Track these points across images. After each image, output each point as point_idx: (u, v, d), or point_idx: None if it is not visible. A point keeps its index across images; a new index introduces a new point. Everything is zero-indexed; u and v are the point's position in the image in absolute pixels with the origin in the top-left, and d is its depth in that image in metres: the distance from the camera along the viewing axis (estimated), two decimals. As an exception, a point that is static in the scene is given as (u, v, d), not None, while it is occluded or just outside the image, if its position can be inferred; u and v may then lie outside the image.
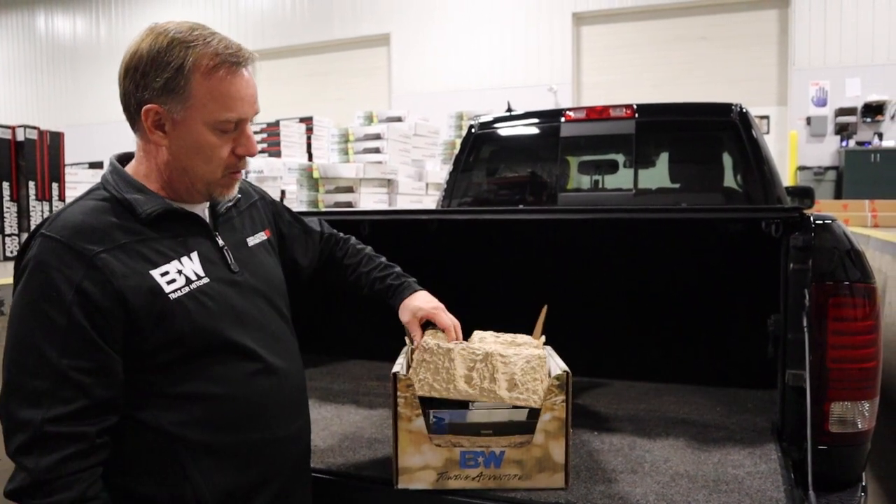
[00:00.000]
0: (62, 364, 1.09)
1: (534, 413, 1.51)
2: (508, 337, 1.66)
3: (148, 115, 1.18)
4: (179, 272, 1.20)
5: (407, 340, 1.72)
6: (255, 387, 1.25)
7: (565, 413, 1.43)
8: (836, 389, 1.58)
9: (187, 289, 1.20)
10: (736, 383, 2.18)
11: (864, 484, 1.62)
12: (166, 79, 1.16)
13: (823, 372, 1.57)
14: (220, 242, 1.30)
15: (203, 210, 1.31)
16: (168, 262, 1.20)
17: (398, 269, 1.67)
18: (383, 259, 1.69)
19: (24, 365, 1.10)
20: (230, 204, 1.36)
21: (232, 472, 1.23)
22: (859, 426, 1.60)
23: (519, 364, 1.48)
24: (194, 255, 1.24)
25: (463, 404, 1.56)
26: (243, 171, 1.32)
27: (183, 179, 1.24)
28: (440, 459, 1.45)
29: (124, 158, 1.31)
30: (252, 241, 1.40)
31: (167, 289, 1.17)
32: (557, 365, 1.54)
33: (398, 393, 1.44)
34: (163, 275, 1.18)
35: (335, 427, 1.90)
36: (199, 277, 1.22)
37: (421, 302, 1.58)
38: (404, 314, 1.58)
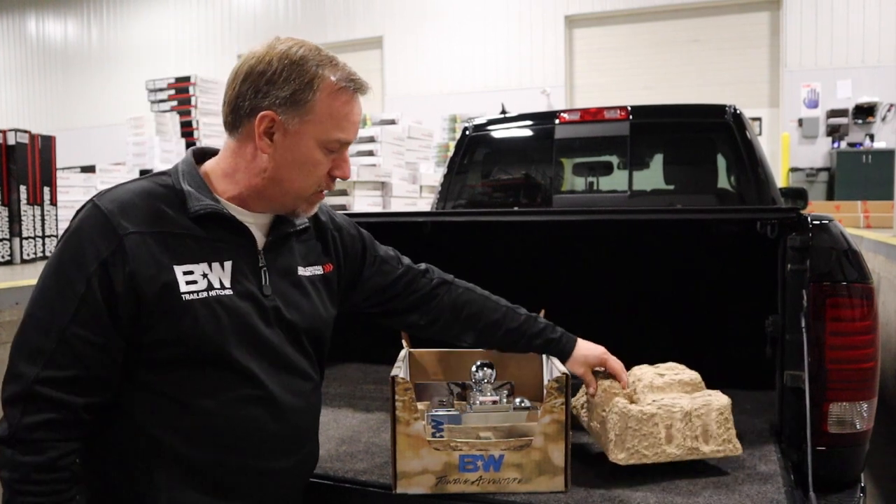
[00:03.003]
0: (69, 330, 1.12)
1: (532, 416, 1.51)
2: (663, 368, 1.68)
3: (263, 120, 1.20)
4: (204, 276, 1.19)
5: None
6: (246, 412, 1.22)
7: (565, 416, 1.43)
8: (835, 390, 1.58)
9: (205, 294, 1.18)
10: (734, 384, 2.17)
11: (862, 485, 1.62)
12: (293, 90, 1.19)
13: (822, 373, 1.57)
14: (261, 262, 1.27)
15: (259, 225, 1.29)
16: (197, 262, 1.19)
17: (539, 318, 1.63)
18: (507, 304, 1.63)
19: (35, 319, 1.14)
20: (292, 230, 1.34)
21: (202, 491, 1.20)
22: (858, 427, 1.59)
23: (713, 416, 1.52)
24: (228, 264, 1.22)
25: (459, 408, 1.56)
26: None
27: (273, 190, 1.24)
28: (439, 463, 1.43)
29: (201, 154, 1.33)
30: (304, 271, 1.36)
31: (183, 288, 1.17)
32: (556, 367, 1.53)
33: (396, 396, 1.42)
34: (185, 273, 1.17)
35: (332, 431, 1.89)
36: (223, 287, 1.20)
37: (587, 350, 1.59)
38: (577, 367, 1.57)
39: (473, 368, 1.63)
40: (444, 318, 1.57)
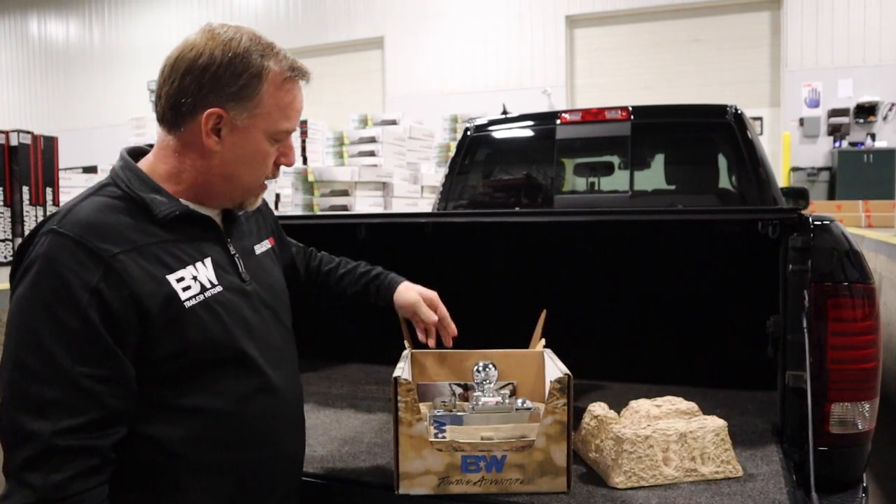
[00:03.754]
0: (75, 371, 1.03)
1: (534, 416, 1.51)
2: (660, 400, 1.71)
3: (210, 118, 1.15)
4: (194, 278, 1.16)
5: (407, 344, 1.71)
6: (255, 404, 1.22)
7: (567, 416, 1.43)
8: (837, 390, 1.58)
9: (202, 297, 1.15)
10: (735, 385, 2.18)
11: (864, 485, 1.62)
12: (241, 85, 1.15)
13: (823, 373, 1.57)
14: (232, 250, 1.27)
15: (216, 214, 1.28)
16: (184, 267, 1.15)
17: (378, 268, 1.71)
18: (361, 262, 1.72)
19: (30, 371, 1.02)
20: (241, 211, 1.32)
21: (225, 492, 1.19)
22: (860, 427, 1.60)
23: (709, 438, 1.53)
24: (208, 261, 1.20)
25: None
26: None
27: (222, 186, 1.21)
28: (441, 464, 1.44)
29: (134, 153, 1.25)
30: (258, 248, 1.37)
31: (182, 296, 1.13)
32: (558, 368, 1.53)
33: (399, 397, 1.42)
34: (178, 280, 1.14)
35: (334, 432, 1.89)
36: (213, 285, 1.19)
37: (415, 288, 1.65)
38: (408, 296, 1.63)
39: (475, 369, 1.63)
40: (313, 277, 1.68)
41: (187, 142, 1.18)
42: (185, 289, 1.14)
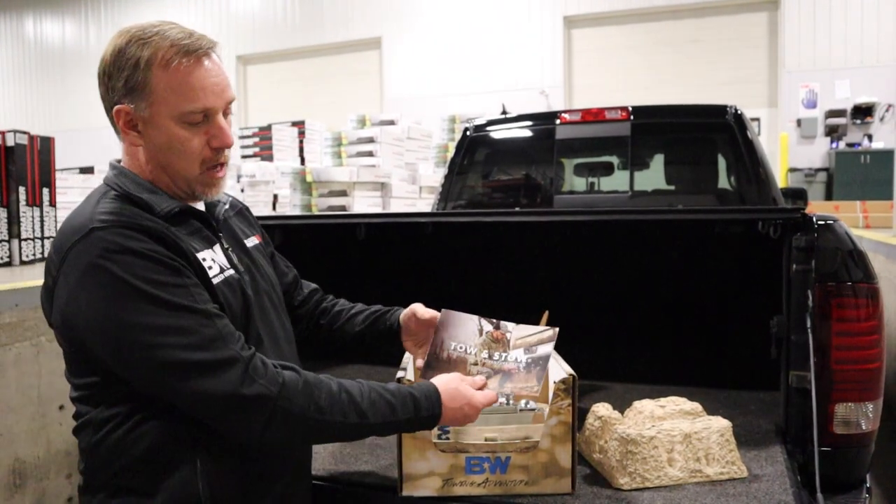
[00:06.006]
0: (206, 307, 1.11)
1: (539, 417, 1.50)
2: (664, 401, 1.69)
3: (119, 115, 1.19)
4: (213, 260, 1.22)
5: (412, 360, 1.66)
6: None
7: (571, 417, 1.42)
8: (840, 391, 1.58)
9: (221, 276, 1.21)
10: (738, 385, 2.17)
11: (868, 485, 1.62)
12: (126, 77, 1.16)
13: (827, 373, 1.56)
14: (225, 244, 1.29)
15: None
16: (203, 250, 1.21)
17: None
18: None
19: (178, 330, 1.08)
20: (226, 207, 1.35)
21: (240, 472, 1.21)
22: (863, 427, 1.59)
23: (713, 438, 1.52)
24: (217, 247, 1.26)
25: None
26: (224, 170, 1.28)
27: (164, 178, 1.22)
28: (445, 466, 1.43)
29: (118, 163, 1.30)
30: (248, 243, 1.39)
31: (210, 273, 1.19)
32: (563, 368, 1.52)
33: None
34: (203, 259, 1.19)
35: (335, 433, 1.88)
36: (227, 268, 1.24)
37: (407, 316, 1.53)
38: (420, 314, 1.50)
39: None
40: (309, 310, 1.59)
41: (126, 143, 1.23)
42: (210, 267, 1.19)
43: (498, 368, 1.37)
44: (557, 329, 1.43)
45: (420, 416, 1.22)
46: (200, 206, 1.29)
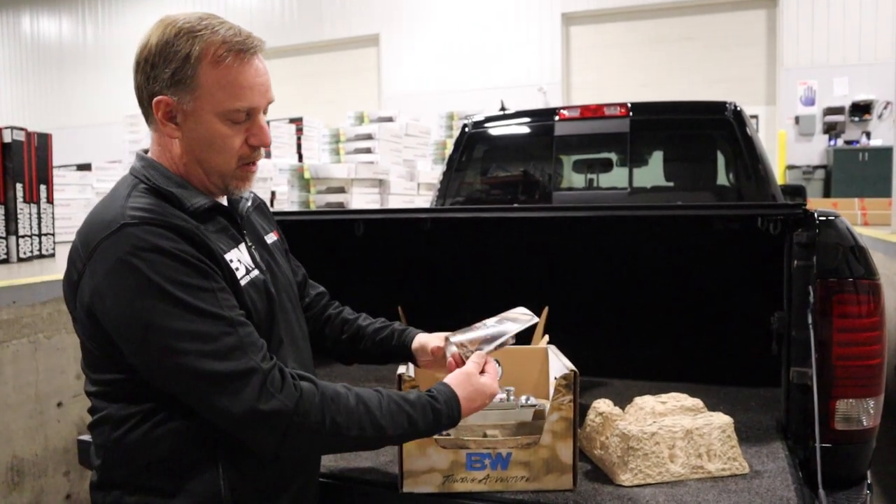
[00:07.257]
0: (231, 314, 1.10)
1: (540, 413, 1.49)
2: (665, 397, 1.68)
3: (159, 106, 1.16)
4: (239, 261, 1.21)
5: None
6: None
7: (573, 413, 1.41)
8: (842, 387, 1.57)
9: (248, 278, 1.20)
10: (739, 381, 2.17)
11: (869, 482, 1.62)
12: (174, 69, 1.14)
13: (828, 369, 1.56)
14: (248, 242, 1.28)
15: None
16: (230, 250, 1.20)
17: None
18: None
19: (199, 336, 1.06)
20: (248, 204, 1.33)
21: (260, 474, 1.21)
22: (864, 424, 1.59)
23: (715, 434, 1.52)
24: (242, 246, 1.25)
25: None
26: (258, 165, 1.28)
27: (197, 171, 1.21)
28: (446, 462, 1.42)
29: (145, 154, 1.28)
30: (268, 240, 1.38)
31: (237, 274, 1.18)
32: (563, 364, 1.52)
33: (402, 395, 1.41)
34: (230, 261, 1.18)
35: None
36: (252, 269, 1.22)
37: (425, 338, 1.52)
38: (431, 342, 1.49)
39: None
40: (317, 315, 1.57)
41: (159, 133, 1.21)
42: (236, 269, 1.18)
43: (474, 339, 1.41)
44: (538, 319, 1.48)
45: (441, 425, 1.22)
46: (224, 200, 1.27)
